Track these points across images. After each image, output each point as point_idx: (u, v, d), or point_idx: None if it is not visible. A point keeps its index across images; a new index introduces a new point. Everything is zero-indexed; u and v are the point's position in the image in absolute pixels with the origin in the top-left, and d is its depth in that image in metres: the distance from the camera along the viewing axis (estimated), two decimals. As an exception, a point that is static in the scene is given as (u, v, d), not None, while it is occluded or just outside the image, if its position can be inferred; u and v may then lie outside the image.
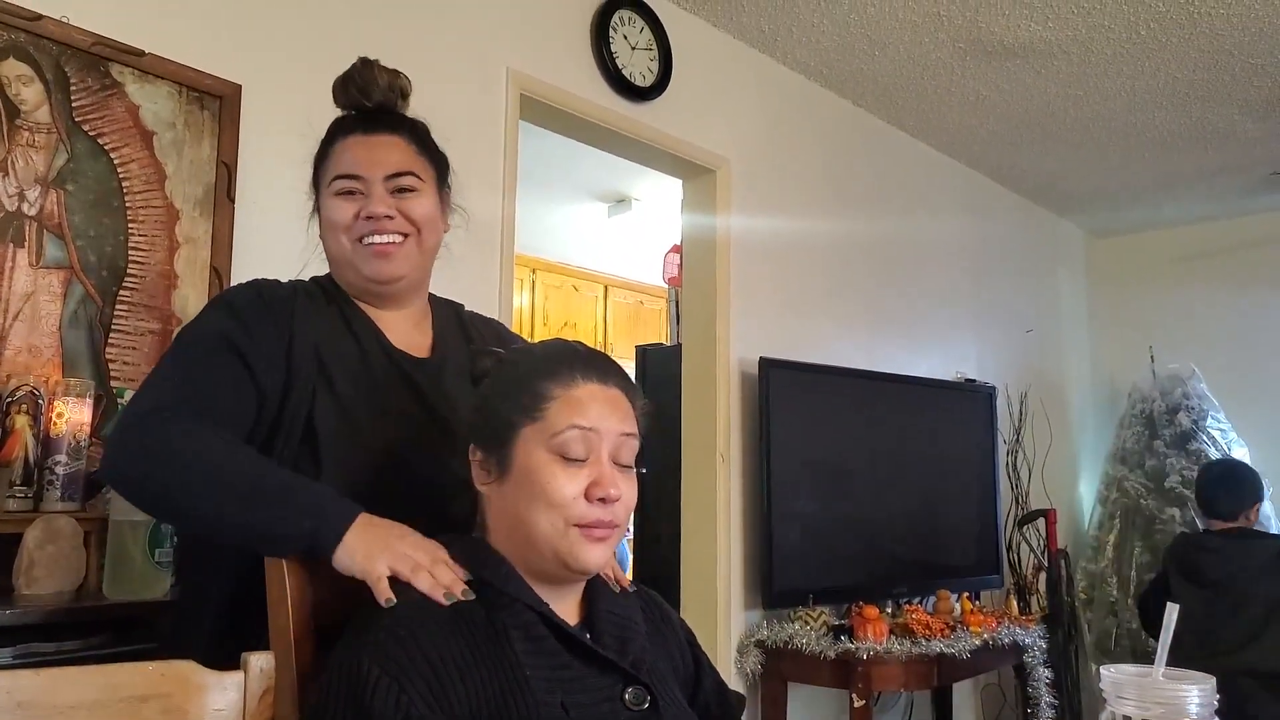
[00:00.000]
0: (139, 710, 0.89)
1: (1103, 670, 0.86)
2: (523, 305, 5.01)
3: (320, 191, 1.28)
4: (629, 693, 0.97)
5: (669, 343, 4.22)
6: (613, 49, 2.81)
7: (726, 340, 3.09)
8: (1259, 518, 3.26)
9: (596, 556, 0.98)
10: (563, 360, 1.03)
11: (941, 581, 3.40)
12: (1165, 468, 4.51)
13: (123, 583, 1.55)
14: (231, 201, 1.96)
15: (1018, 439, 4.22)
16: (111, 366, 1.78)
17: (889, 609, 3.09)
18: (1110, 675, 0.85)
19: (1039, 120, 3.86)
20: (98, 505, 1.63)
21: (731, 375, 3.09)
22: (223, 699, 0.93)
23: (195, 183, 1.92)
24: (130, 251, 1.82)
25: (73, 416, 1.62)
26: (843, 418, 3.27)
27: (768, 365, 3.03)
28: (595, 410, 1.00)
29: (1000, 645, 3.05)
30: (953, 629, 2.95)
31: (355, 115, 1.29)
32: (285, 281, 1.28)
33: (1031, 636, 3.19)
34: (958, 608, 3.25)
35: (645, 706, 0.97)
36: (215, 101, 1.97)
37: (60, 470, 1.60)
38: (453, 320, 1.39)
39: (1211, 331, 4.92)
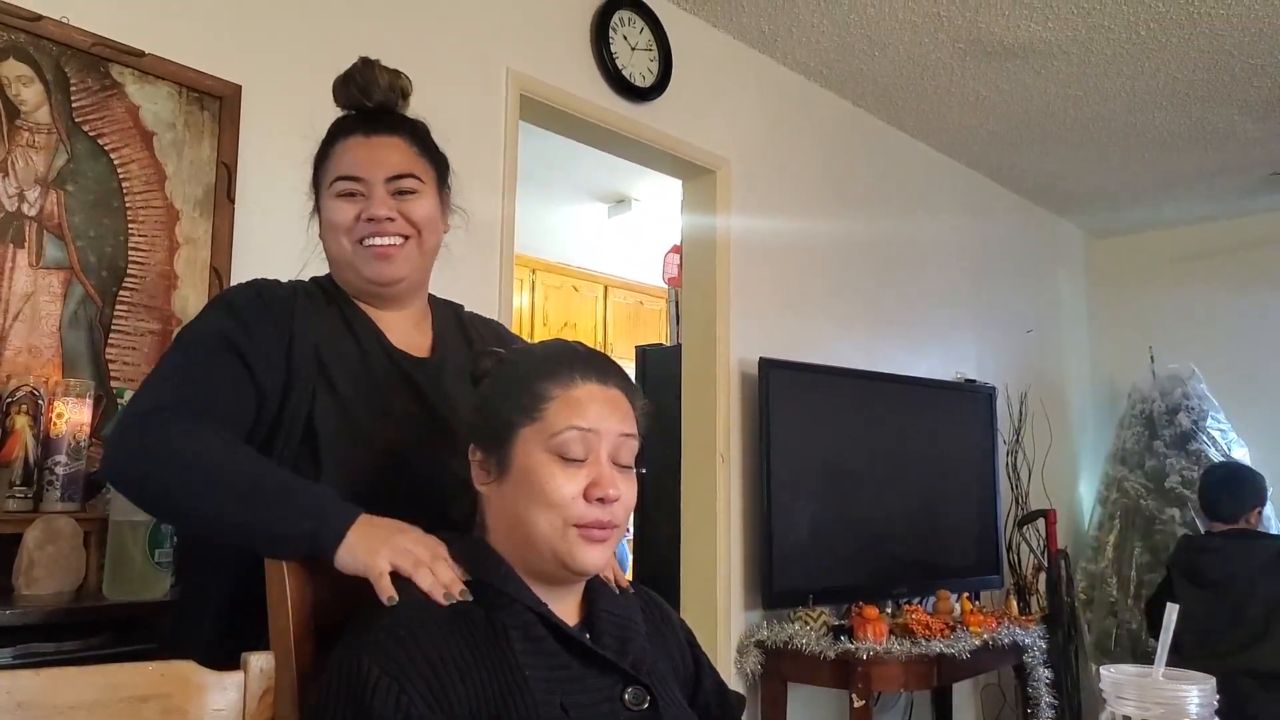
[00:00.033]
0: (139, 710, 0.89)
1: (1102, 670, 0.86)
2: (523, 305, 5.00)
3: (320, 192, 1.28)
4: (629, 693, 0.97)
5: (669, 343, 4.21)
6: (613, 49, 2.81)
7: (726, 340, 3.09)
8: (1261, 521, 3.26)
9: (595, 557, 0.98)
10: (562, 361, 1.03)
11: (941, 582, 3.40)
12: (1165, 468, 4.51)
13: (123, 583, 1.55)
14: (231, 202, 1.96)
15: (1018, 439, 4.22)
16: (111, 367, 1.78)
17: (889, 609, 3.09)
18: (1110, 675, 0.85)
19: (1039, 120, 3.86)
20: (98, 505, 1.63)
21: (731, 375, 3.09)
22: (223, 699, 0.93)
23: (195, 183, 1.92)
24: (130, 252, 1.82)
25: (72, 417, 1.62)
26: (843, 418, 3.27)
27: (768, 365, 3.03)
28: (594, 411, 1.00)
29: (1000, 645, 3.05)
30: (953, 629, 2.95)
31: (356, 116, 1.28)
32: (285, 281, 1.28)
33: (1031, 637, 3.19)
34: (958, 608, 3.25)
35: (645, 707, 0.97)
36: (215, 102, 1.97)
37: (60, 470, 1.60)
38: (452, 321, 1.39)
39: (1211, 332, 4.92)
